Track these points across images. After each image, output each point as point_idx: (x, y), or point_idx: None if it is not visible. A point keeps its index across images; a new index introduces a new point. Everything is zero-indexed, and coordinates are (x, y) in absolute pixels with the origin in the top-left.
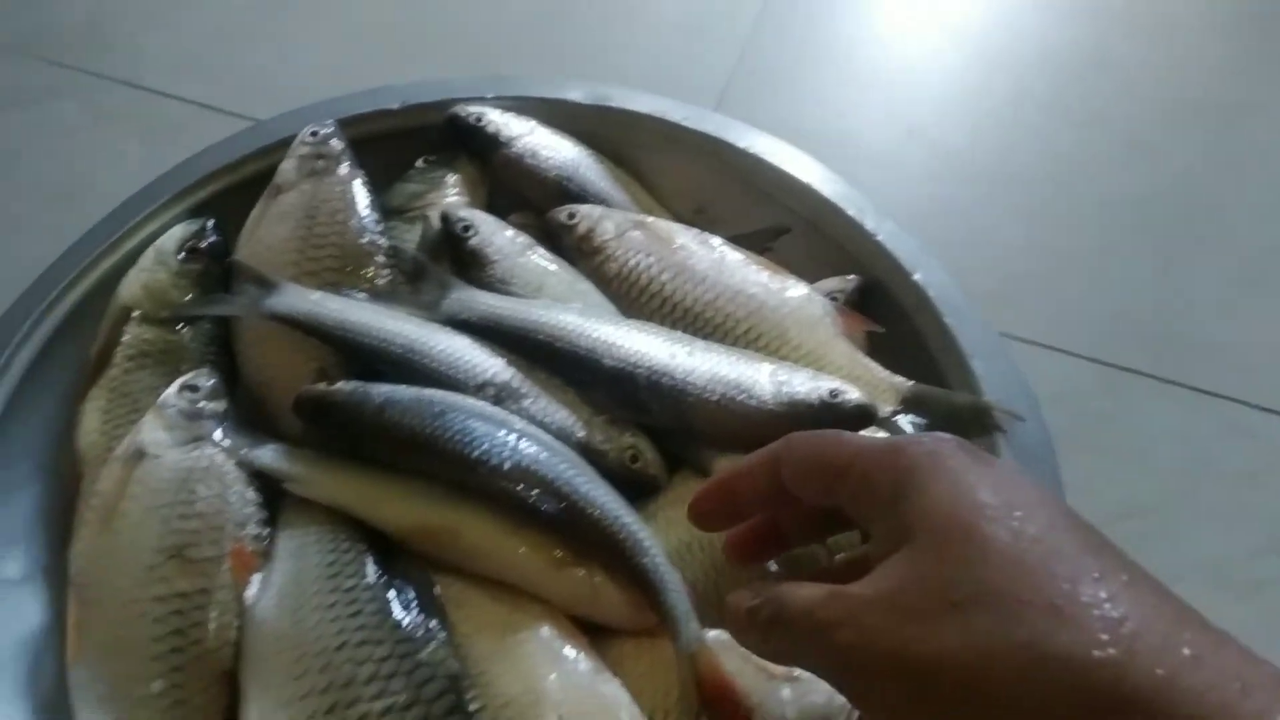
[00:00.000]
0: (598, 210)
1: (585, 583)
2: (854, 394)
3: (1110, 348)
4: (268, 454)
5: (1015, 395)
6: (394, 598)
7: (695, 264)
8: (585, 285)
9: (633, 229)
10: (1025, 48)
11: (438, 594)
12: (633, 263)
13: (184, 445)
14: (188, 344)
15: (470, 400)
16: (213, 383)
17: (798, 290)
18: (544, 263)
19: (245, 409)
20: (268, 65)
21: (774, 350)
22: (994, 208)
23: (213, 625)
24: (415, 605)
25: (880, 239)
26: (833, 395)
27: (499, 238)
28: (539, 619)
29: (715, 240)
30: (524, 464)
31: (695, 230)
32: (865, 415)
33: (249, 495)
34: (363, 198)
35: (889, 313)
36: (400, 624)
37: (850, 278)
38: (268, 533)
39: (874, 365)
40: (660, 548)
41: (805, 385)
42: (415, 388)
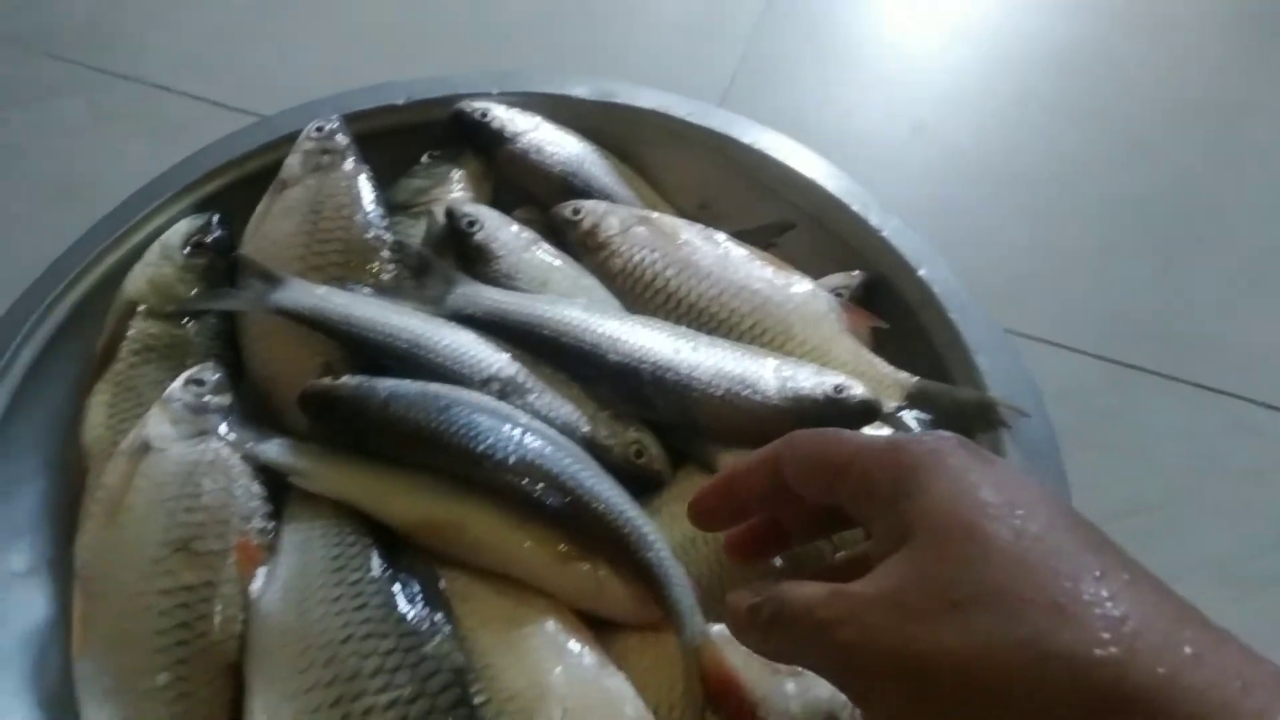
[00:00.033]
0: (602, 206)
1: (590, 577)
2: (859, 389)
3: (1114, 345)
4: (273, 448)
5: (1020, 391)
6: (399, 591)
7: (700, 260)
8: (590, 281)
9: (637, 224)
10: (1029, 46)
11: (443, 588)
12: (637, 258)
13: (189, 439)
14: (193, 339)
15: (475, 395)
16: (218, 377)
17: (802, 286)
18: (549, 258)
19: (250, 404)
20: (271, 62)
21: (779, 346)
22: (998, 205)
23: (218, 618)
24: (420, 599)
25: (885, 235)
26: (837, 391)
27: (504, 233)
28: (544, 613)
29: (720, 236)
30: (529, 458)
31: (700, 226)
32: (870, 411)
33: (254, 489)
34: (368, 193)
35: (894, 309)
36: (405, 617)
37: (855, 273)
38: (273, 526)
39: (879, 361)
40: (665, 542)
41: (810, 381)
42: (420, 382)
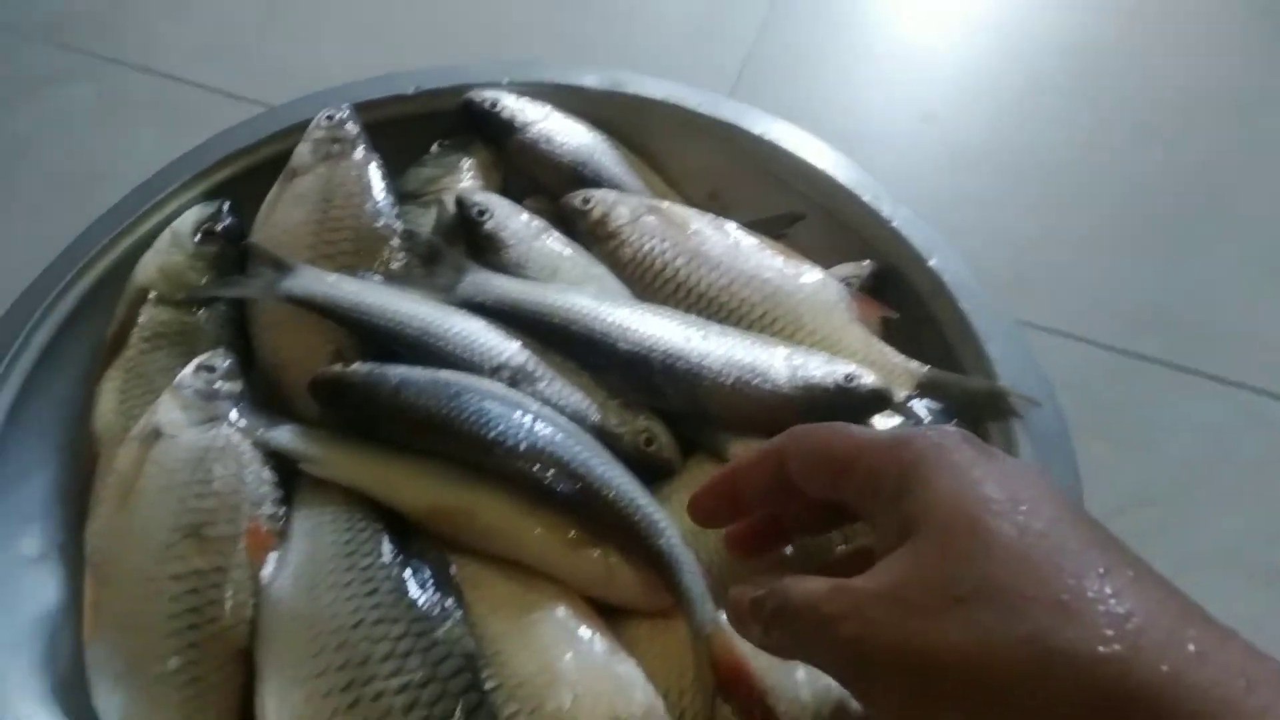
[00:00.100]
0: (612, 195)
1: (600, 563)
2: (869, 378)
3: (1125, 336)
4: (284, 434)
5: (1031, 381)
6: (410, 577)
7: (710, 249)
8: (600, 270)
9: (647, 214)
10: (1041, 36)
11: (453, 574)
12: (647, 248)
13: (200, 425)
14: (203, 326)
15: (486, 382)
16: (229, 363)
17: (813, 275)
18: (559, 247)
19: (260, 391)
20: (281, 52)
21: (789, 335)
22: (1008, 196)
23: (229, 603)
24: (431, 584)
25: (896, 225)
26: (848, 379)
27: (514, 222)
28: (554, 599)
29: (730, 225)
30: (539, 445)
31: (710, 215)
32: (881, 399)
33: (265, 475)
34: (378, 181)
35: (904, 298)
36: (416, 603)
37: (865, 263)
38: (283, 512)
39: (889, 350)
40: (675, 530)
41: (821, 369)
42: (431, 369)
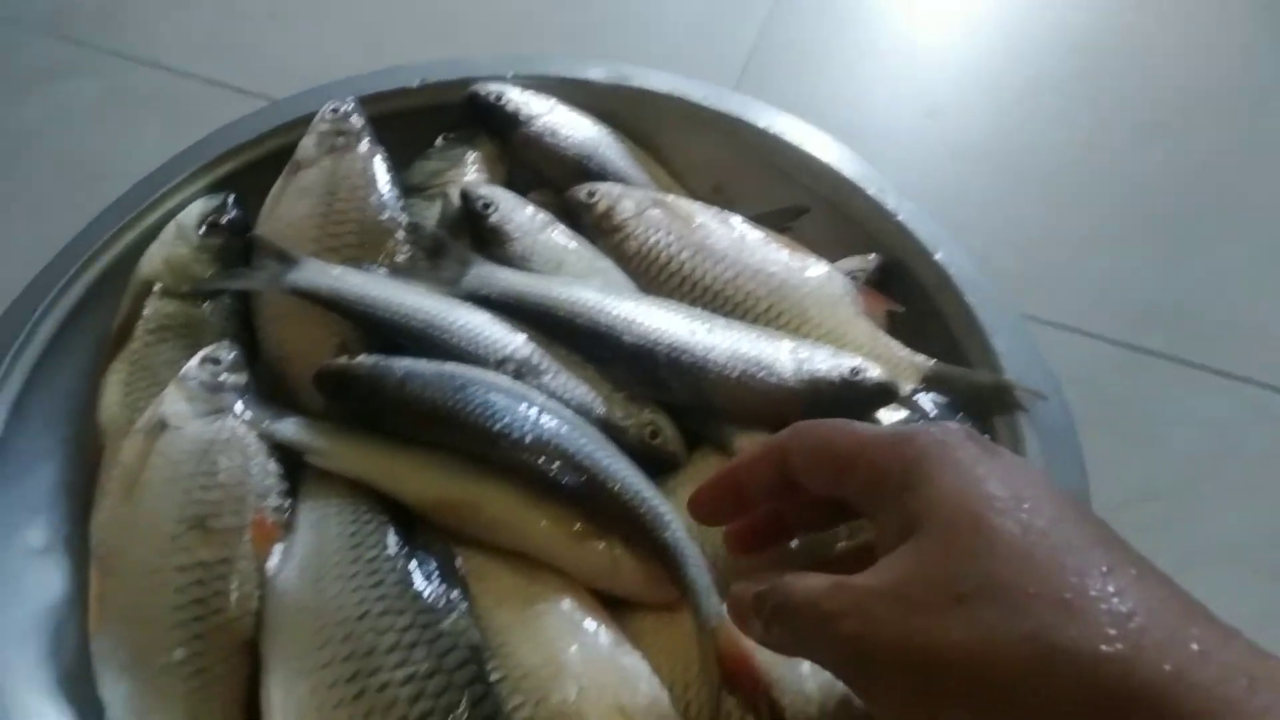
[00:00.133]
0: (617, 188)
1: (605, 556)
2: (875, 372)
3: (1130, 330)
4: (289, 426)
5: (1037, 375)
6: (415, 569)
7: (715, 242)
8: (605, 263)
9: (652, 207)
10: (1047, 30)
11: (459, 566)
12: (652, 241)
13: (205, 417)
14: (208, 318)
15: (491, 374)
16: (234, 355)
17: (818, 269)
18: (564, 240)
19: (265, 384)
20: (285, 46)
21: (794, 329)
22: (1013, 191)
23: (234, 595)
24: (437, 576)
25: (901, 219)
26: (854, 373)
27: (519, 215)
28: (560, 591)
29: (735, 219)
30: (545, 437)
31: (715, 209)
32: (886, 393)
33: (270, 467)
34: (383, 174)
35: (910, 292)
36: (422, 594)
37: (871, 257)
38: (289, 504)
39: (895, 344)
40: (681, 522)
41: (826, 363)
42: (436, 362)
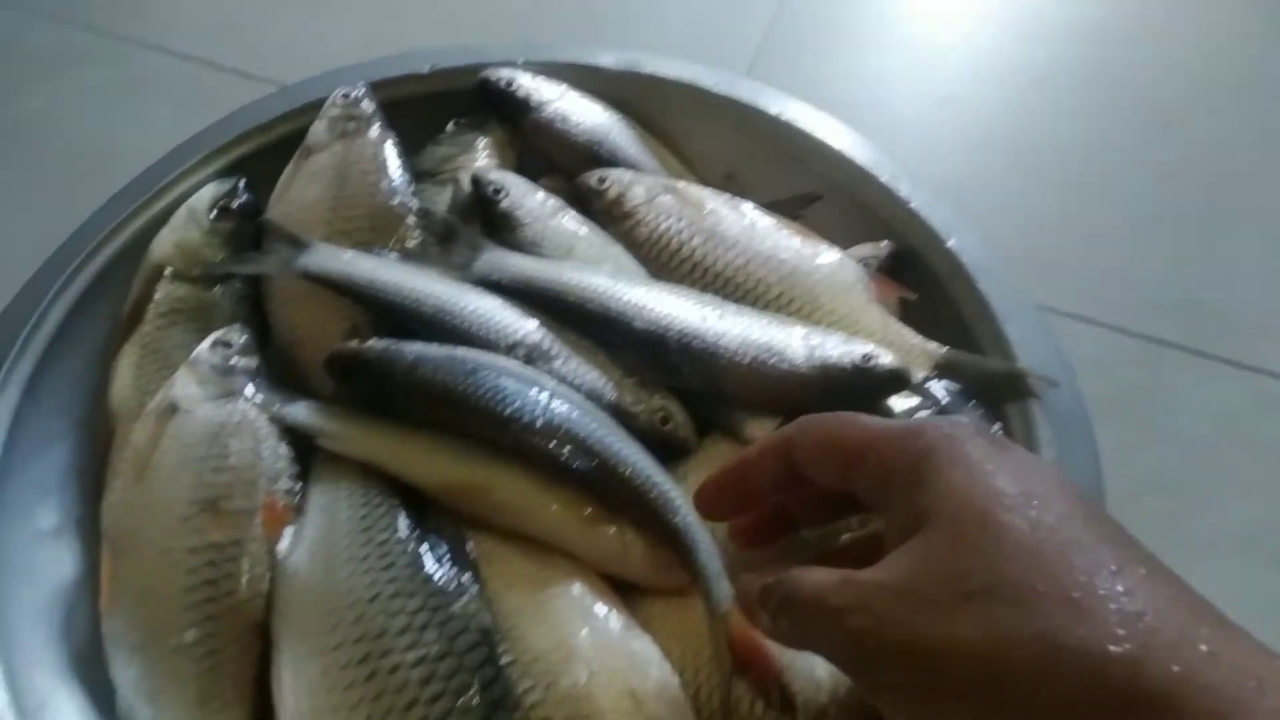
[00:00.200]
0: (628, 175)
1: (616, 540)
2: (887, 358)
3: (1142, 320)
4: (300, 410)
5: (1050, 362)
6: (426, 552)
7: (726, 229)
8: (616, 249)
9: (663, 194)
10: (1059, 18)
11: (470, 550)
12: (663, 227)
13: (217, 400)
14: (219, 302)
15: (502, 359)
16: (245, 338)
17: (830, 256)
18: (574, 225)
19: (276, 367)
20: (297, 32)
21: (806, 315)
22: (1025, 179)
23: (245, 576)
24: (448, 559)
25: (914, 206)
26: (866, 360)
27: (530, 200)
28: (570, 575)
29: (746, 205)
30: (556, 422)
31: (726, 195)
32: (899, 380)
33: (281, 450)
34: (394, 159)
35: (922, 279)
36: (432, 577)
37: (883, 244)
38: (300, 487)
39: (907, 330)
40: (691, 507)
41: (838, 349)
42: (446, 346)
